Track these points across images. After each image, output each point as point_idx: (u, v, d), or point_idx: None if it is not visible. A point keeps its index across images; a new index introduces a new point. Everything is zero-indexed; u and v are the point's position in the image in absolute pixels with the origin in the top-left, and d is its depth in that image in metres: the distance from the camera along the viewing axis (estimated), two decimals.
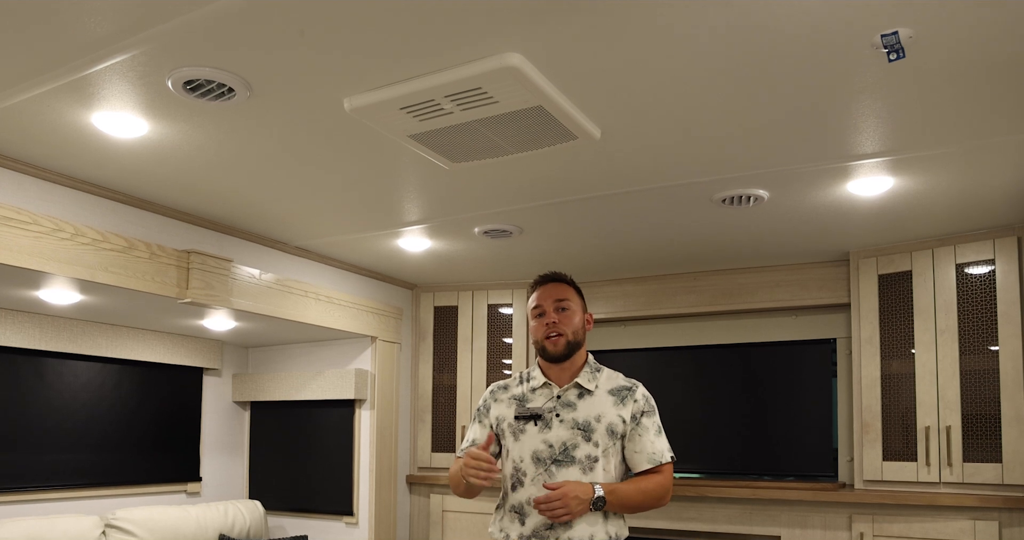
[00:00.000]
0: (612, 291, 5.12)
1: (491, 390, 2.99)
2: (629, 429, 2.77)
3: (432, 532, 5.33)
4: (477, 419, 2.98)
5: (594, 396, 2.79)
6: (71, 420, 4.33)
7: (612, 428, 2.74)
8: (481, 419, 2.97)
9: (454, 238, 4.23)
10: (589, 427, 2.73)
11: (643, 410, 2.81)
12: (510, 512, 2.78)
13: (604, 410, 2.77)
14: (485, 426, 2.94)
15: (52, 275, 3.21)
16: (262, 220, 3.96)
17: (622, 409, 2.78)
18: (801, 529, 4.37)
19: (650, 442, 2.79)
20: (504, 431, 2.85)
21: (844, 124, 2.75)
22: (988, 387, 3.94)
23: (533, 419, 2.79)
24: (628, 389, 2.83)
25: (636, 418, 2.78)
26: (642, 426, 2.78)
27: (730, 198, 3.50)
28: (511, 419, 2.84)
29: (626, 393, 2.81)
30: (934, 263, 4.12)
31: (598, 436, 2.73)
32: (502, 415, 2.88)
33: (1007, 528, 3.86)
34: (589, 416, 2.75)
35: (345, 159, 3.11)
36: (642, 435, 2.78)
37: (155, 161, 3.14)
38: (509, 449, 2.83)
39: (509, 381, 2.98)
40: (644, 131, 2.81)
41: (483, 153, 2.92)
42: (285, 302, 4.28)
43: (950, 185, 3.35)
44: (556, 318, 2.81)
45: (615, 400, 2.79)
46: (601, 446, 2.73)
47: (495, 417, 2.90)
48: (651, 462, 2.78)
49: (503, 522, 2.81)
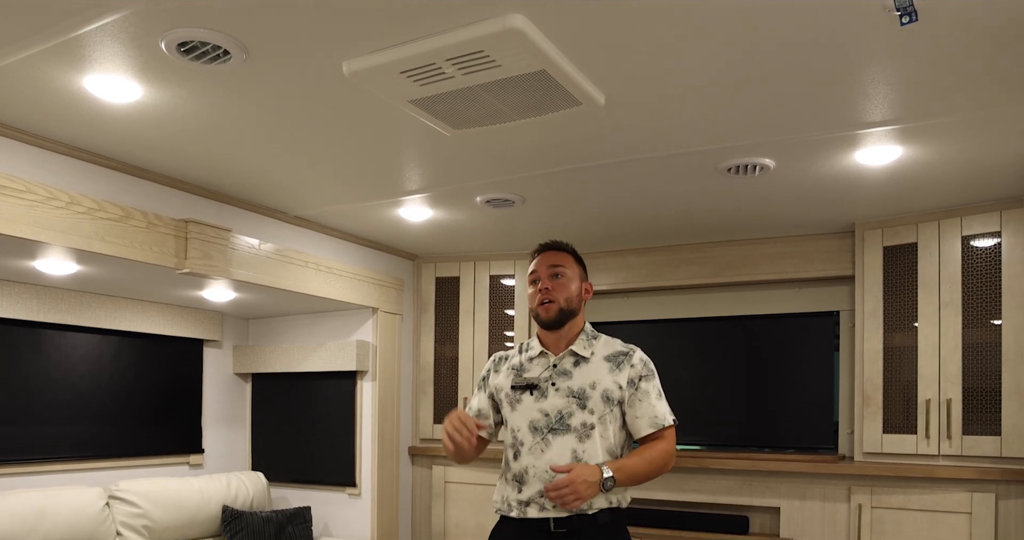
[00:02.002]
0: (614, 262, 5.09)
1: (493, 360, 3.01)
2: (628, 395, 2.76)
3: (434, 503, 5.34)
4: (481, 388, 3.01)
5: (590, 363, 2.79)
6: (71, 392, 4.31)
7: (608, 394, 2.73)
8: (484, 388, 2.99)
9: (456, 207, 4.19)
10: (584, 395, 2.72)
11: (641, 374, 2.79)
12: (511, 480, 2.79)
13: (599, 377, 2.75)
14: (488, 396, 2.97)
15: (48, 245, 3.17)
16: (261, 189, 3.92)
17: (618, 375, 2.76)
18: (800, 501, 4.37)
19: (651, 406, 2.77)
20: (502, 401, 2.86)
21: (854, 91, 2.70)
22: (990, 360, 3.92)
23: (529, 389, 2.79)
24: (625, 354, 2.81)
25: (634, 383, 2.76)
26: (641, 390, 2.77)
27: (735, 167, 3.45)
28: (508, 389, 2.84)
29: (622, 358, 2.80)
30: (940, 235, 4.07)
31: (593, 403, 2.72)
32: (500, 385, 2.89)
33: (1004, 500, 3.86)
34: (584, 384, 2.74)
35: (344, 126, 3.06)
36: (642, 400, 2.77)
37: (150, 127, 3.09)
38: (508, 419, 2.84)
39: (510, 351, 2.99)
40: (649, 97, 2.76)
41: (485, 119, 2.87)
42: (285, 273, 4.24)
43: (958, 155, 3.30)
44: (549, 285, 2.80)
45: (611, 366, 2.78)
46: (597, 413, 2.72)
47: (494, 386, 2.92)
48: (653, 426, 2.77)
49: (505, 490, 2.81)
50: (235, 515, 4.45)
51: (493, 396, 2.93)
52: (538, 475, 2.70)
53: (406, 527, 5.38)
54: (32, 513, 3.59)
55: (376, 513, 4.94)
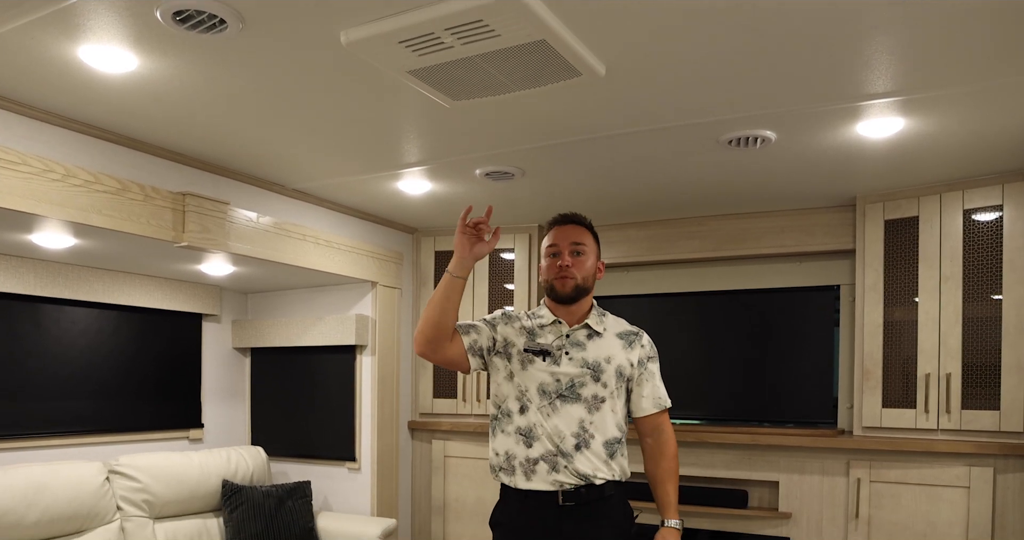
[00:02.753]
0: (615, 236, 5.07)
1: (502, 312, 2.94)
2: (637, 373, 2.81)
3: (434, 477, 5.35)
4: (484, 321, 2.90)
5: (603, 338, 2.81)
6: (70, 367, 4.31)
7: (621, 370, 2.77)
8: (488, 324, 2.88)
9: (455, 180, 4.16)
10: (599, 367, 2.74)
11: (649, 355, 2.88)
12: (515, 434, 2.76)
13: (614, 352, 2.78)
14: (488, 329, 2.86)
15: (44, 218, 3.15)
16: (258, 161, 3.89)
17: (630, 353, 2.82)
18: (799, 475, 4.38)
19: (656, 386, 2.88)
20: (512, 355, 2.81)
21: (856, 62, 2.66)
22: (990, 335, 3.92)
23: (542, 354, 2.77)
24: (635, 334, 2.89)
25: (643, 363, 2.84)
26: (648, 371, 2.86)
27: (737, 139, 3.43)
28: (521, 347, 2.80)
29: (633, 337, 2.87)
30: (941, 209, 4.05)
31: (607, 377, 2.74)
32: (512, 340, 2.83)
33: (1001, 474, 3.87)
34: (599, 357, 2.76)
35: (342, 97, 3.03)
36: (648, 380, 2.85)
37: (146, 98, 3.05)
38: (513, 373, 2.79)
39: (519, 312, 2.95)
40: (650, 68, 2.73)
41: (484, 90, 2.85)
42: (283, 246, 4.22)
43: (961, 127, 3.27)
44: (570, 261, 2.79)
45: (624, 343, 2.82)
46: (609, 387, 2.75)
47: (503, 336, 2.84)
48: (657, 406, 2.85)
49: (507, 444, 2.78)
50: (235, 489, 4.46)
51: (496, 340, 2.84)
52: (547, 435, 2.70)
53: (406, 501, 5.39)
54: (32, 488, 3.59)
55: (376, 487, 4.95)
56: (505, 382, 2.82)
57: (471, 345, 2.80)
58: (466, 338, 2.79)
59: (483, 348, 2.82)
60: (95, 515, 3.85)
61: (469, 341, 2.80)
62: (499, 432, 2.83)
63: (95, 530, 3.86)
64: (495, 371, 2.86)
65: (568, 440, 2.69)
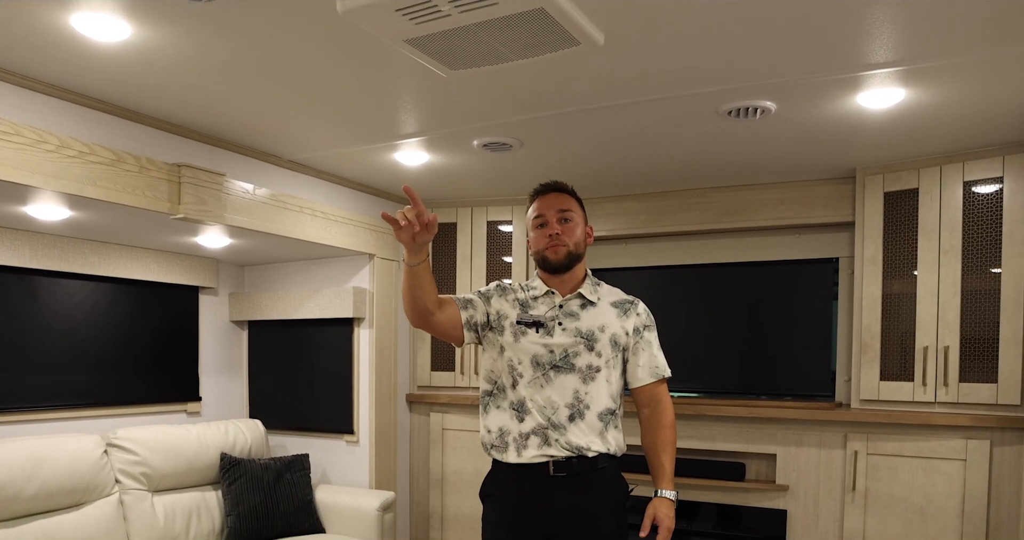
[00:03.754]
0: (613, 208, 5.05)
1: (496, 284, 2.91)
2: (632, 342, 2.78)
3: (432, 450, 5.36)
4: (478, 294, 2.88)
5: (597, 307, 2.78)
6: (67, 340, 4.29)
7: (615, 339, 2.74)
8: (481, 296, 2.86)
9: (452, 151, 4.13)
10: (592, 337, 2.72)
11: (645, 324, 2.83)
12: (509, 409, 2.76)
13: (608, 321, 2.76)
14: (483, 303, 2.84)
15: (39, 189, 3.12)
16: (254, 132, 3.86)
17: (625, 321, 2.78)
18: (796, 447, 4.39)
19: (652, 356, 2.83)
20: (504, 327, 2.80)
21: (858, 31, 2.63)
22: (988, 308, 3.91)
23: (536, 326, 2.76)
24: (630, 302, 2.85)
25: (639, 331, 2.80)
26: (645, 339, 2.81)
27: (736, 110, 3.40)
28: (513, 319, 2.79)
29: (628, 306, 2.83)
30: (941, 181, 4.03)
31: (601, 346, 2.72)
32: (504, 312, 2.82)
33: (998, 447, 3.88)
34: (593, 326, 2.74)
35: (339, 66, 2.99)
36: (645, 349, 2.81)
37: (140, 68, 3.02)
38: (505, 347, 2.78)
39: (513, 284, 2.93)
40: (649, 37, 2.70)
41: (482, 60, 2.81)
42: (280, 218, 4.20)
43: (962, 97, 3.24)
44: (559, 229, 2.77)
45: (618, 312, 2.79)
46: (604, 357, 2.72)
47: (496, 310, 2.83)
48: (654, 376, 2.81)
49: (501, 419, 2.78)
50: (233, 462, 4.46)
51: (490, 315, 2.84)
52: (537, 408, 2.70)
53: (404, 474, 5.41)
54: (31, 461, 3.60)
55: (374, 460, 4.96)
56: (499, 357, 2.81)
57: (468, 320, 2.79)
58: (463, 313, 2.78)
59: (478, 323, 2.81)
60: (93, 488, 3.86)
61: (466, 316, 2.78)
62: (492, 408, 2.82)
63: (94, 503, 3.87)
64: (490, 346, 2.85)
65: (562, 411, 2.68)
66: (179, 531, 4.19)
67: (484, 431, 2.84)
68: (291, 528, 4.47)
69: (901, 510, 4.11)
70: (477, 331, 2.82)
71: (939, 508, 4.01)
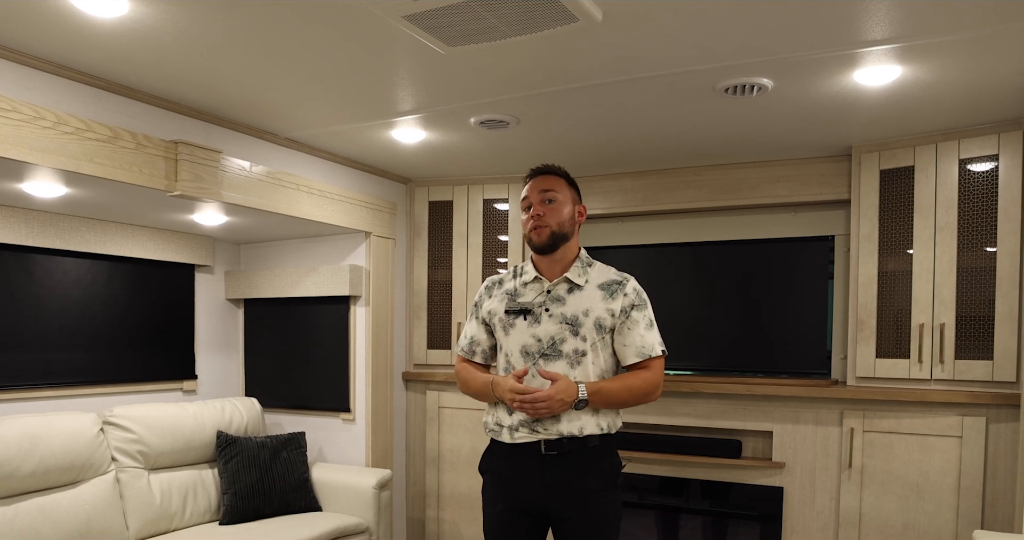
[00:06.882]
0: (609, 186, 5.04)
1: (486, 285, 3.02)
2: (619, 322, 2.78)
3: (428, 428, 5.38)
4: (473, 315, 3.02)
5: (584, 291, 2.80)
6: (63, 318, 4.29)
7: (600, 322, 2.75)
8: (477, 314, 3.01)
9: (449, 129, 4.12)
10: (577, 321, 2.74)
11: (633, 303, 2.81)
12: (502, 403, 2.81)
13: (592, 304, 2.77)
14: (480, 322, 2.96)
15: (35, 166, 3.11)
16: (251, 109, 3.84)
17: (611, 303, 2.78)
18: (793, 424, 4.41)
19: (639, 336, 2.79)
20: (495, 325, 2.89)
21: (855, 7, 2.63)
22: (984, 285, 3.93)
23: (523, 314, 2.80)
24: (619, 283, 2.84)
25: (626, 311, 2.79)
26: (631, 319, 2.79)
27: (733, 87, 3.39)
28: (502, 314, 2.85)
29: (616, 287, 2.82)
30: (937, 158, 4.04)
31: (586, 330, 2.74)
32: (494, 309, 2.90)
33: (994, 424, 3.91)
34: (577, 311, 2.76)
35: (336, 43, 2.98)
36: (631, 329, 2.79)
37: (138, 45, 3.00)
38: (501, 342, 2.87)
39: (504, 275, 3.00)
40: (647, 14, 2.69)
41: (480, 36, 2.80)
42: (277, 195, 4.19)
43: (958, 75, 3.24)
44: (541, 210, 2.80)
45: (604, 294, 2.80)
46: (589, 340, 2.75)
47: (487, 311, 2.94)
48: (639, 356, 2.79)
49: (497, 412, 2.84)
50: (230, 440, 4.48)
51: (486, 321, 2.95)
52: None
53: (400, 452, 5.43)
54: (27, 439, 3.60)
55: (371, 438, 4.98)
56: (499, 352, 2.93)
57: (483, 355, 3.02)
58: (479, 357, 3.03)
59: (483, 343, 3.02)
60: (90, 466, 3.87)
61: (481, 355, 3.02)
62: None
63: (91, 480, 3.88)
64: None
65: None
66: (175, 509, 4.21)
67: (486, 417, 2.92)
68: (288, 506, 4.49)
69: (897, 487, 4.14)
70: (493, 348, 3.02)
71: (935, 485, 4.04)
